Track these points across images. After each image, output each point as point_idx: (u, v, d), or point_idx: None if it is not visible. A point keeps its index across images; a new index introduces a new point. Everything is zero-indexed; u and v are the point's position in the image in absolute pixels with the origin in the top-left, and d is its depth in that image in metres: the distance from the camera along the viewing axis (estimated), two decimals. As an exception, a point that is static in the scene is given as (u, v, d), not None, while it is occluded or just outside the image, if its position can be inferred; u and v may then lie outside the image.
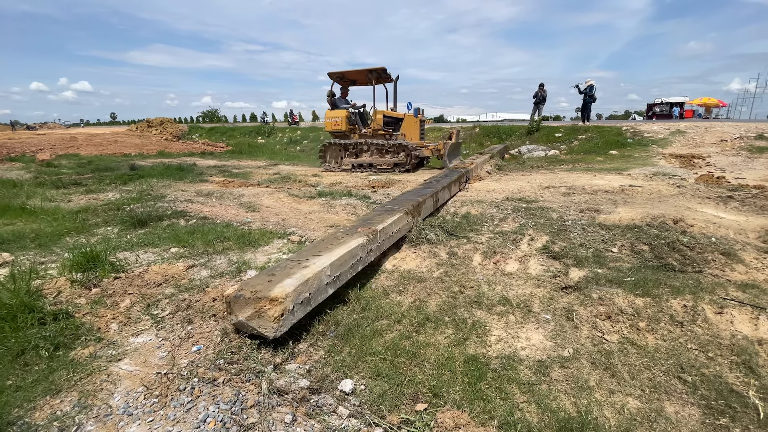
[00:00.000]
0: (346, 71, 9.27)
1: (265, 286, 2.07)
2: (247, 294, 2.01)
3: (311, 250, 2.71)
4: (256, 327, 1.96)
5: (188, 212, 4.90)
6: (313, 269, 2.29)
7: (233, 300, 2.03)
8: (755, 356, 1.99)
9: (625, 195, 5.19)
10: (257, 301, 1.98)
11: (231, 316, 2.06)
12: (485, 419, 1.58)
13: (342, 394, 1.70)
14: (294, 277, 2.17)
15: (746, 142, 9.63)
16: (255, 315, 1.97)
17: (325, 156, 9.78)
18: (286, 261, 2.51)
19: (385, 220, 3.39)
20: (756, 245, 3.34)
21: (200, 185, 7.21)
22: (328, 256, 2.53)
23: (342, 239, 2.89)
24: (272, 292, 1.99)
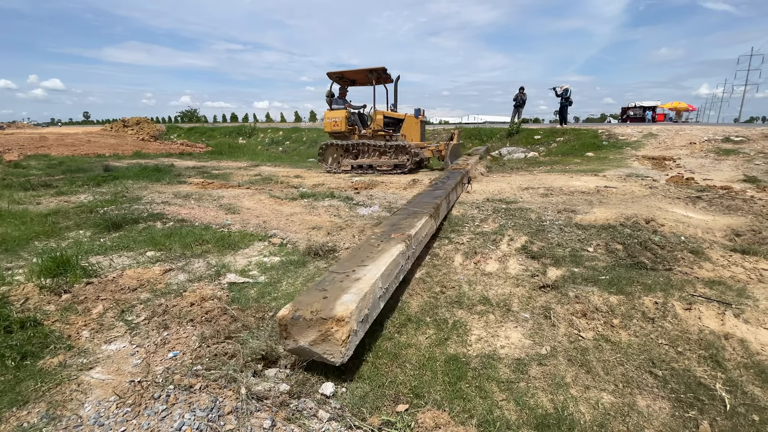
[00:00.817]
0: (346, 71, 9.17)
1: (323, 304, 1.83)
2: (307, 315, 1.76)
3: (352, 259, 2.48)
4: (322, 353, 1.73)
5: (165, 214, 4.78)
6: (366, 282, 2.07)
7: (291, 322, 1.76)
8: (722, 350, 2.07)
9: (600, 196, 5.35)
10: (321, 323, 1.73)
11: (287, 341, 1.80)
12: (465, 418, 1.59)
13: (323, 398, 1.68)
14: (351, 293, 1.94)
15: (714, 145, 10.07)
16: (320, 339, 1.73)
17: (324, 157, 9.67)
18: (331, 274, 2.25)
19: (415, 224, 3.20)
20: (722, 244, 3.50)
21: (178, 187, 7.03)
22: (375, 266, 2.31)
23: (380, 246, 2.68)
24: (336, 311, 1.75)
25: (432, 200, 4.27)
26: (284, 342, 1.82)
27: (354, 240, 3.85)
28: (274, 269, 3.17)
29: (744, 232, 3.77)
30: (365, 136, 9.37)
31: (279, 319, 1.80)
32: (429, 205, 3.97)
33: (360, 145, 9.20)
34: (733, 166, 8.19)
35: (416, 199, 4.47)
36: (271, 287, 2.83)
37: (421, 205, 4.01)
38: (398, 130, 9.24)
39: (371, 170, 9.16)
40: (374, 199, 6.01)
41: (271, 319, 2.36)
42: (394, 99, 9.48)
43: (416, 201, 4.37)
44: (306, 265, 3.28)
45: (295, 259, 3.38)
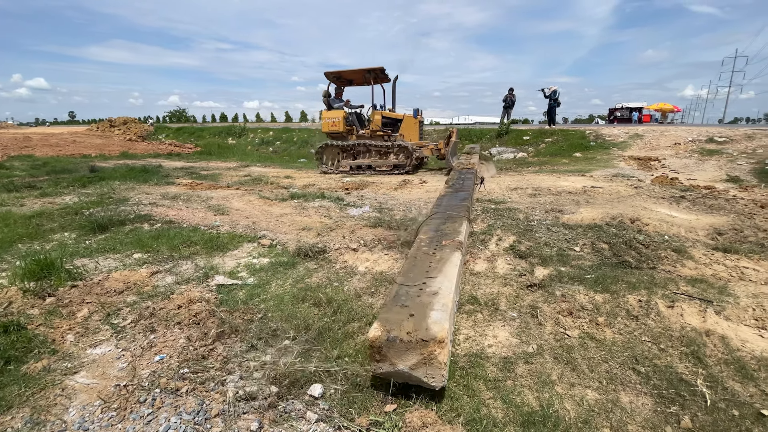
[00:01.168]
0: (343, 71, 9.16)
1: (415, 323, 1.71)
2: (403, 336, 1.64)
3: (415, 270, 2.38)
4: (422, 377, 1.63)
5: (153, 216, 4.72)
6: (446, 296, 1.98)
7: (387, 345, 1.64)
8: (703, 347, 2.12)
9: (587, 196, 5.43)
10: (423, 345, 1.61)
11: (381, 364, 1.68)
12: (452, 417, 1.61)
13: (311, 399, 1.69)
14: (437, 310, 1.84)
15: (698, 145, 10.29)
16: (422, 363, 1.62)
17: (322, 158, 9.61)
18: (402, 287, 2.13)
19: (459, 230, 3.16)
20: (705, 242, 3.58)
21: (166, 188, 6.95)
22: (446, 278, 2.22)
23: (437, 255, 2.59)
24: (434, 332, 1.64)
25: (460, 203, 4.24)
26: (376, 365, 1.70)
27: (345, 241, 3.85)
28: (263, 271, 3.15)
29: (726, 231, 3.86)
30: (363, 136, 9.35)
31: (371, 341, 1.67)
32: (461, 208, 3.93)
33: (359, 145, 9.17)
34: (716, 166, 8.38)
35: (444, 202, 4.41)
36: (260, 289, 2.82)
37: (452, 208, 3.96)
38: (396, 130, 9.23)
39: (370, 170, 9.14)
40: (365, 199, 6.01)
41: (259, 321, 2.35)
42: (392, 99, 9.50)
43: (445, 203, 4.30)
44: (296, 266, 3.27)
45: (284, 260, 3.37)
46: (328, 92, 9.38)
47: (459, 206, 4.04)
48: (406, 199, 5.96)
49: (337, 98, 9.59)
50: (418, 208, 5.25)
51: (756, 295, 2.59)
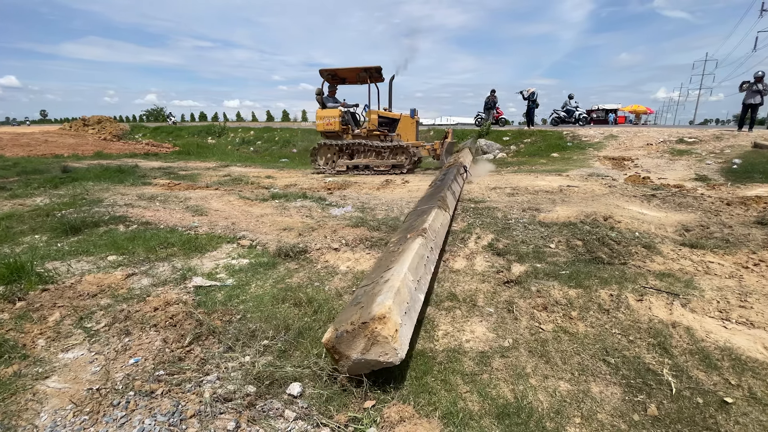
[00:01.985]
0: (338, 69, 9.02)
1: (360, 312, 1.76)
2: (348, 327, 1.68)
3: (377, 270, 2.42)
4: (377, 357, 1.65)
5: (128, 217, 4.61)
6: (396, 279, 2.01)
7: (337, 341, 1.68)
8: (669, 338, 2.22)
9: (563, 195, 5.58)
10: (364, 327, 1.65)
11: (342, 362, 1.71)
12: (429, 411, 1.64)
13: (290, 398, 1.69)
14: (383, 294, 1.86)
15: (669, 146, 10.69)
16: (370, 344, 1.65)
17: (317, 158, 9.48)
18: (361, 288, 2.20)
19: (426, 219, 3.19)
20: (673, 238, 3.74)
21: (143, 188, 6.79)
22: (400, 264, 2.25)
23: (399, 249, 2.62)
24: (373, 311, 1.68)
25: (437, 194, 4.30)
26: (339, 365, 1.72)
27: (326, 241, 3.84)
28: (242, 271, 3.12)
29: (693, 228, 4.04)
30: (359, 135, 9.28)
31: (325, 344, 1.70)
32: (435, 199, 3.98)
33: (356, 145, 9.08)
34: (686, 165, 8.72)
35: (421, 202, 4.46)
36: (240, 290, 2.79)
37: (427, 202, 4.01)
38: (393, 130, 9.22)
39: (368, 171, 9.08)
40: (347, 199, 6.01)
41: (238, 322, 2.34)
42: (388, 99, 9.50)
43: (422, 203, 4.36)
44: (276, 266, 3.25)
45: (265, 260, 3.34)
46: (322, 90, 9.29)
47: (433, 198, 4.10)
48: (388, 199, 5.99)
49: (330, 97, 9.51)
50: (400, 207, 5.29)
51: (720, 289, 2.72)
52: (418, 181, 7.89)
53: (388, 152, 9.00)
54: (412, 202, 5.56)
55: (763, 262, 3.15)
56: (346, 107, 9.41)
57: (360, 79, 9.14)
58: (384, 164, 9.04)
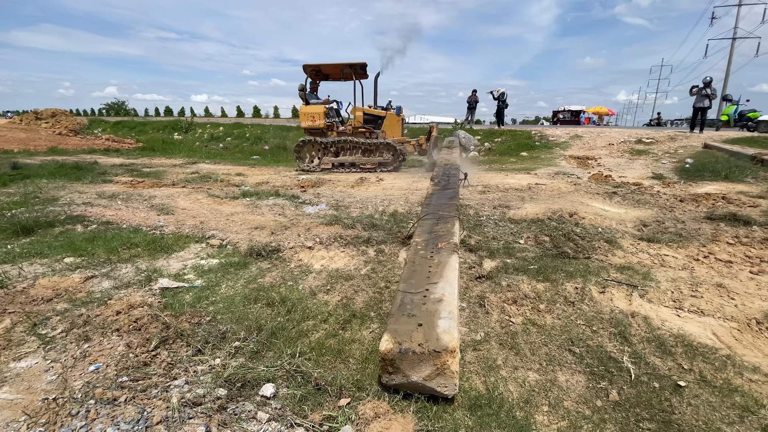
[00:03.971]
0: (323, 64, 8.85)
1: (425, 334, 1.73)
2: (415, 348, 1.65)
3: (415, 275, 2.40)
4: (435, 387, 1.65)
5: (87, 217, 4.37)
6: (450, 303, 2.02)
7: (399, 357, 1.65)
8: (629, 327, 2.35)
9: (531, 192, 5.77)
10: (435, 356, 1.63)
11: (394, 376, 1.69)
12: (404, 406, 1.66)
13: (263, 399, 1.66)
14: (444, 318, 1.86)
15: (629, 146, 11.26)
16: (436, 373, 1.64)
17: (301, 155, 9.25)
18: (405, 294, 2.15)
19: (452, 231, 3.22)
20: (632, 233, 3.94)
21: (103, 186, 6.45)
22: (448, 283, 2.27)
23: (434, 258, 2.64)
24: (445, 342, 1.67)
25: (449, 201, 4.28)
26: (389, 377, 1.70)
27: (300, 239, 3.79)
28: (212, 272, 3.03)
29: (650, 223, 4.27)
30: (345, 133, 9.16)
31: (383, 354, 1.68)
32: (451, 208, 3.98)
33: (342, 142, 8.96)
34: (644, 164, 9.22)
35: (433, 201, 4.43)
36: (209, 291, 2.71)
37: (442, 208, 4.00)
38: (378, 127, 9.16)
39: (354, 168, 8.98)
40: (321, 197, 5.95)
41: (208, 324, 2.26)
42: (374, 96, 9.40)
43: (434, 203, 4.32)
44: (248, 266, 3.18)
45: (235, 260, 3.26)
46: (305, 86, 9.11)
47: (448, 205, 4.11)
48: (363, 197, 5.97)
49: (312, 93, 9.35)
50: (375, 205, 5.29)
51: (674, 280, 2.90)
52: (392, 179, 7.92)
53: (375, 149, 8.98)
54: (387, 200, 5.58)
55: (712, 255, 3.38)
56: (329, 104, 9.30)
57: (344, 75, 9.04)
58: (371, 161, 9.00)
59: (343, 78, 9.22)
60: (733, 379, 1.90)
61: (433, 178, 5.68)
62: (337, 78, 9.42)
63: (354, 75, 8.93)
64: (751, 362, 2.03)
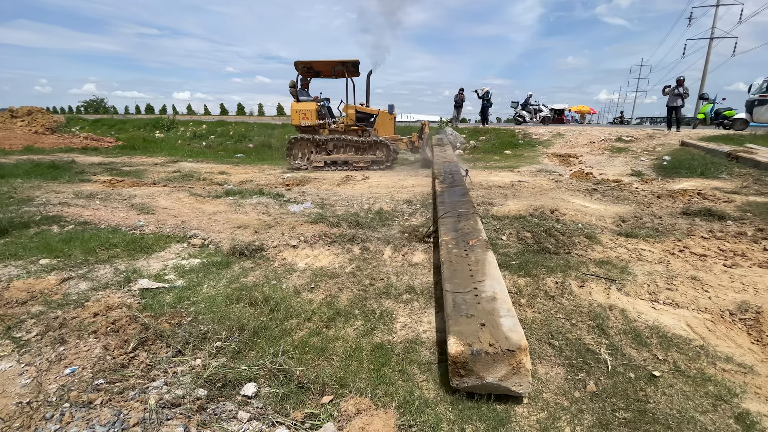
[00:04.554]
0: (314, 61, 8.75)
1: (492, 333, 1.76)
2: (486, 348, 1.66)
3: (457, 274, 2.44)
4: (511, 386, 1.66)
5: (63, 217, 4.25)
6: (504, 300, 2.07)
7: (472, 359, 1.65)
8: (606, 320, 2.41)
9: (514, 190, 5.85)
10: (510, 356, 1.64)
11: (466, 378, 1.68)
12: (386, 401, 1.67)
13: (244, 399, 1.65)
14: (504, 316, 1.90)
15: (609, 144, 11.51)
16: (511, 373, 1.65)
17: (293, 152, 9.12)
18: (455, 294, 2.18)
19: (478, 228, 3.29)
20: (611, 229, 4.04)
21: (80, 186, 6.27)
22: (493, 280, 2.31)
23: (471, 256, 2.69)
24: (515, 340, 1.69)
25: (462, 198, 4.35)
26: (460, 380, 1.69)
27: (284, 238, 3.76)
28: (193, 272, 2.99)
29: (628, 219, 4.38)
30: (336, 130, 9.10)
31: (454, 357, 1.67)
32: (467, 204, 4.06)
33: (334, 140, 8.89)
34: (623, 162, 9.44)
35: (446, 198, 4.45)
36: (190, 291, 2.67)
37: (458, 205, 4.05)
38: (371, 125, 9.13)
39: (346, 166, 8.94)
40: (306, 195, 5.92)
41: (188, 324, 2.23)
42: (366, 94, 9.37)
43: (448, 200, 4.35)
44: (230, 265, 3.14)
45: (217, 260, 3.22)
46: (296, 83, 9.00)
47: (464, 202, 4.15)
48: (348, 195, 5.96)
49: (303, 89, 9.25)
50: (361, 203, 5.29)
51: (650, 273, 2.99)
52: (378, 177, 7.92)
53: (368, 147, 8.96)
54: (373, 198, 5.58)
55: (687, 249, 3.49)
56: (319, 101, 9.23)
57: (335, 73, 8.98)
58: (363, 160, 8.97)
59: (334, 75, 9.16)
60: (706, 369, 1.97)
61: (437, 176, 5.71)
62: (328, 75, 9.36)
63: (346, 72, 8.89)
64: (724, 352, 2.11)
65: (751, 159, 7.38)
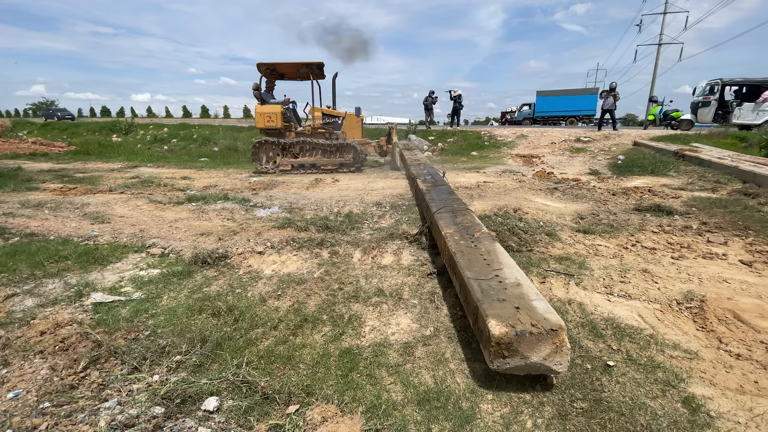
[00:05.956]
0: (278, 63, 8.59)
1: (531, 315, 1.84)
2: (530, 329, 1.73)
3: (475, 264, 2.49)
4: (552, 365, 1.74)
5: (8, 229, 3.96)
6: (532, 286, 2.18)
7: (516, 339, 1.72)
8: (565, 314, 2.51)
9: (480, 190, 6.00)
10: (553, 335, 1.73)
11: (510, 359, 1.74)
12: (353, 407, 1.66)
13: (206, 414, 1.59)
14: (538, 300, 2.00)
15: (569, 145, 12.03)
16: (554, 351, 1.73)
17: (259, 156, 8.89)
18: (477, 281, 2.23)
19: (475, 221, 3.42)
20: (570, 226, 4.22)
21: (27, 194, 5.86)
22: (512, 268, 2.40)
23: (481, 248, 2.77)
24: (554, 320, 1.78)
25: (450, 195, 4.52)
26: (502, 361, 1.75)
27: (249, 244, 3.67)
28: (152, 283, 2.86)
29: (586, 216, 4.60)
30: (303, 133, 8.96)
31: (498, 338, 1.72)
32: (458, 201, 4.20)
33: (301, 143, 8.77)
34: (582, 161, 9.89)
35: (435, 196, 4.56)
36: (149, 303, 2.55)
37: (448, 202, 4.17)
38: (338, 128, 9.06)
39: (314, 170, 8.83)
40: (274, 200, 5.80)
41: (146, 339, 2.13)
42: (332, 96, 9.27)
43: (437, 197, 4.45)
44: (192, 275, 3.03)
45: (179, 269, 3.10)
46: (259, 86, 8.79)
47: (454, 199, 4.31)
48: (317, 198, 5.90)
49: (268, 92, 9.06)
50: (330, 207, 5.24)
51: (606, 268, 3.14)
52: (348, 180, 7.89)
53: (336, 150, 8.90)
54: (342, 201, 5.55)
55: (639, 243, 3.71)
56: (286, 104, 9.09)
57: (300, 75, 8.86)
58: (332, 163, 8.92)
59: (299, 77, 9.06)
60: (655, 357, 2.09)
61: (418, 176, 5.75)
62: (293, 77, 9.25)
63: (311, 75, 8.81)
64: (671, 340, 2.25)
65: (696, 157, 7.94)
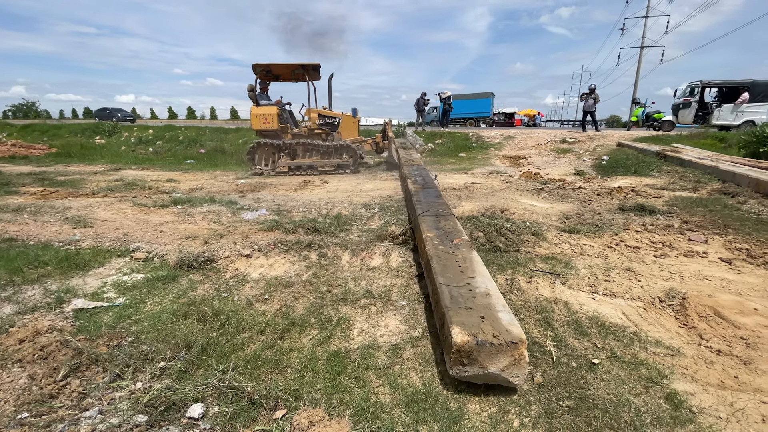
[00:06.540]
0: (273, 64, 8.54)
1: (494, 326, 1.84)
2: (491, 339, 1.74)
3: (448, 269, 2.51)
4: (508, 377, 1.75)
5: (-17, 234, 3.83)
6: (497, 296, 2.18)
7: (477, 348, 1.72)
8: (552, 313, 2.54)
9: (467, 191, 6.05)
10: (512, 347, 1.72)
11: (468, 368, 1.75)
12: (341, 410, 1.65)
13: (191, 421, 1.56)
14: (501, 311, 2.00)
15: (554, 146, 12.20)
16: (512, 364, 1.73)
17: (255, 157, 8.81)
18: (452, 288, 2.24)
19: (458, 228, 3.39)
20: (556, 226, 4.28)
21: (6, 198, 5.70)
22: (484, 278, 2.41)
23: (457, 254, 2.77)
24: (516, 333, 1.78)
25: (437, 199, 4.51)
26: (461, 369, 1.76)
27: (236, 247, 3.63)
28: (136, 288, 2.80)
29: (572, 216, 4.67)
30: (300, 135, 8.90)
31: (459, 346, 1.73)
32: (444, 206, 4.19)
33: (298, 144, 8.72)
34: (567, 162, 10.05)
35: (422, 198, 4.56)
36: (133, 309, 2.50)
37: (434, 205, 4.17)
38: (334, 129, 9.03)
39: (311, 171, 8.78)
40: (262, 202, 5.76)
41: (129, 345, 2.09)
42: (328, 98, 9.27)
43: (424, 200, 4.45)
44: (177, 279, 2.98)
45: (163, 274, 3.04)
46: (254, 87, 8.71)
47: (440, 204, 4.29)
48: (306, 200, 5.87)
49: (263, 93, 8.98)
50: (319, 209, 5.22)
51: (591, 267, 3.20)
52: (337, 181, 7.87)
53: (333, 151, 8.87)
54: (331, 203, 5.53)
55: (623, 242, 3.78)
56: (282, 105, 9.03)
57: (295, 76, 8.83)
58: (329, 164, 8.87)
59: (294, 79, 9.03)
60: (639, 354, 2.13)
61: (408, 176, 5.75)
62: (288, 79, 9.20)
63: (306, 76, 8.77)
64: (654, 337, 2.29)
65: (677, 157, 8.14)
